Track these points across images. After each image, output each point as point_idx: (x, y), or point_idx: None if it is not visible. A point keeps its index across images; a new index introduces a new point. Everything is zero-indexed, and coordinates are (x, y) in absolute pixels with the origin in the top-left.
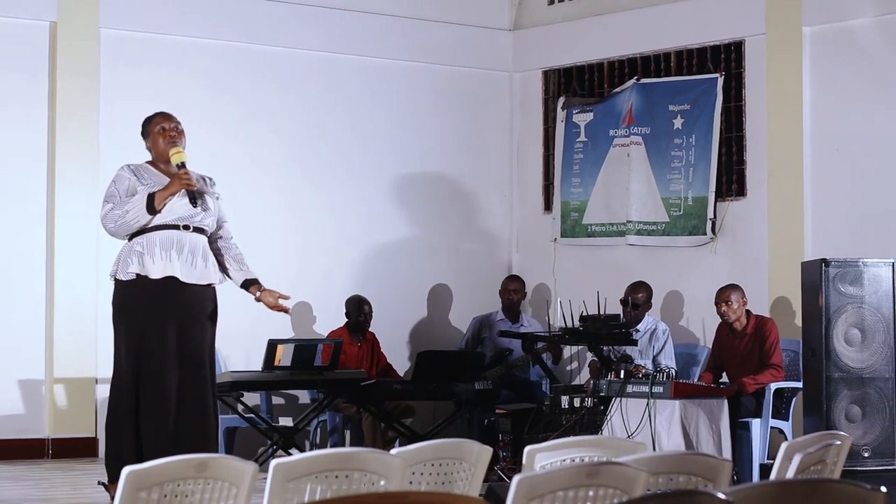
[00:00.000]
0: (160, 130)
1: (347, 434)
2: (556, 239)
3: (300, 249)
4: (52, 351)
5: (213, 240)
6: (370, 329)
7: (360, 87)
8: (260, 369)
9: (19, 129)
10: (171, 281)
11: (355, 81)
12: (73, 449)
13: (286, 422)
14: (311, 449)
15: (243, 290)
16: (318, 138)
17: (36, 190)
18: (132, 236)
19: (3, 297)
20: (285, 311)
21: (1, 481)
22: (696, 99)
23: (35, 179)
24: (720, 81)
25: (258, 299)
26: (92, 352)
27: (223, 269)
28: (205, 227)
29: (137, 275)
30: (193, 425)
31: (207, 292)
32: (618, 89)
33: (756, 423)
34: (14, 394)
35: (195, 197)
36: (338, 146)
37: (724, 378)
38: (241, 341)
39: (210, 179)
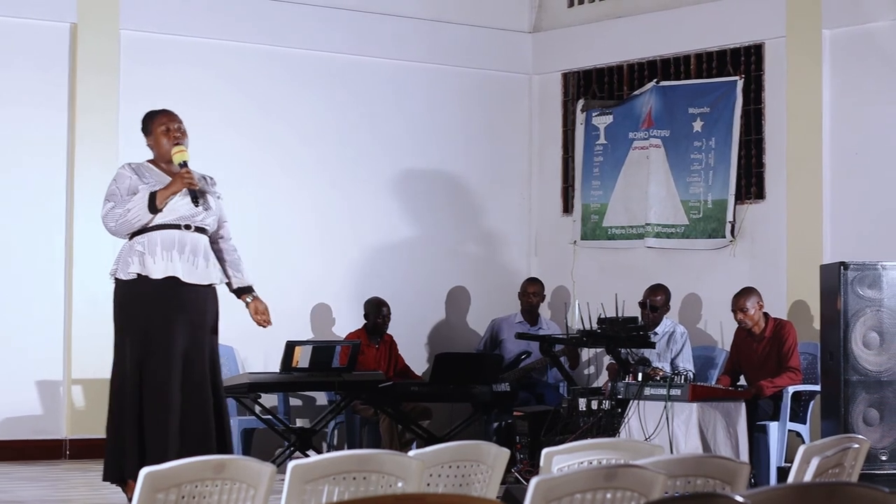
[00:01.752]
0: (164, 130)
1: (365, 436)
2: (575, 241)
3: (319, 251)
4: (70, 352)
5: (213, 240)
6: (388, 331)
7: (380, 88)
8: (278, 371)
9: (39, 129)
10: (172, 281)
11: (376, 83)
12: (90, 450)
13: (303, 423)
14: (328, 450)
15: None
16: (337, 140)
17: (55, 190)
18: (133, 235)
19: (21, 297)
20: (264, 324)
21: (19, 482)
22: (716, 102)
23: (55, 180)
24: (740, 84)
25: (248, 306)
26: (110, 353)
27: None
28: (206, 227)
29: (138, 275)
30: (196, 426)
31: (209, 292)
32: (637, 92)
33: (774, 427)
34: (32, 395)
35: (197, 196)
36: (357, 148)
37: (742, 381)
38: (259, 343)
39: (211, 178)
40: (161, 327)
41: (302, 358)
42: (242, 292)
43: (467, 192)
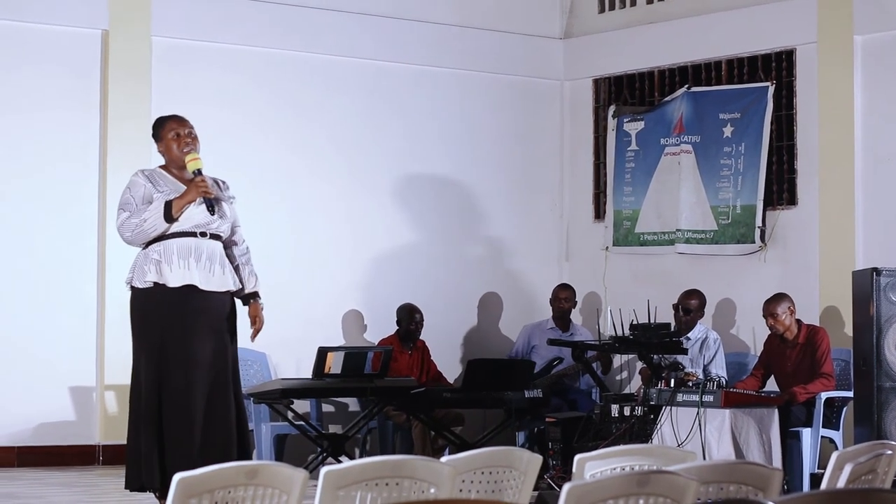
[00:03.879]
0: (174, 136)
1: (397, 442)
2: (607, 247)
3: (351, 257)
4: (103, 358)
5: (226, 245)
6: (420, 337)
7: (411, 94)
8: (310, 377)
9: (71, 135)
10: (189, 289)
11: (406, 89)
12: (123, 455)
13: (336, 429)
14: (360, 456)
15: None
16: (368, 145)
17: (88, 196)
18: (148, 243)
19: (54, 303)
20: (254, 331)
21: (52, 487)
22: (747, 107)
23: (87, 186)
24: (771, 90)
25: (249, 310)
26: None
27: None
28: (221, 234)
29: (155, 283)
30: (218, 435)
31: (226, 299)
32: (668, 98)
33: (807, 433)
34: (65, 400)
35: (212, 204)
36: (389, 154)
37: (768, 386)
38: (291, 349)
39: (224, 182)
40: (179, 336)
41: (334, 364)
42: (248, 298)
43: (499, 198)
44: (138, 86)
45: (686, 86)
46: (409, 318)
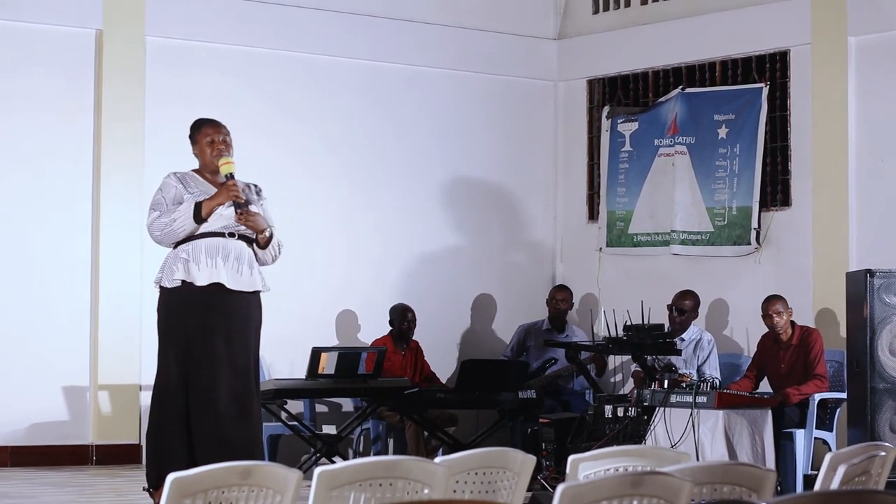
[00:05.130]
0: (209, 142)
1: (391, 442)
2: (601, 248)
3: (345, 257)
4: (97, 357)
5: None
6: (414, 337)
7: (405, 95)
8: (304, 377)
9: (65, 136)
10: (216, 288)
11: (401, 90)
12: (117, 455)
13: (329, 430)
14: (354, 457)
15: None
16: (362, 146)
17: (81, 197)
18: (177, 244)
19: (48, 303)
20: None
21: (45, 487)
22: (741, 108)
23: (80, 186)
24: (765, 91)
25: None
26: (136, 358)
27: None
28: (250, 235)
29: (183, 281)
30: (242, 433)
31: (253, 299)
32: (662, 99)
33: (800, 434)
34: (59, 400)
35: (241, 207)
36: (383, 154)
37: (762, 387)
38: (285, 349)
39: (255, 186)
40: (206, 334)
41: (328, 364)
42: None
43: (492, 199)
44: (132, 86)
45: (680, 87)
46: (402, 318)
